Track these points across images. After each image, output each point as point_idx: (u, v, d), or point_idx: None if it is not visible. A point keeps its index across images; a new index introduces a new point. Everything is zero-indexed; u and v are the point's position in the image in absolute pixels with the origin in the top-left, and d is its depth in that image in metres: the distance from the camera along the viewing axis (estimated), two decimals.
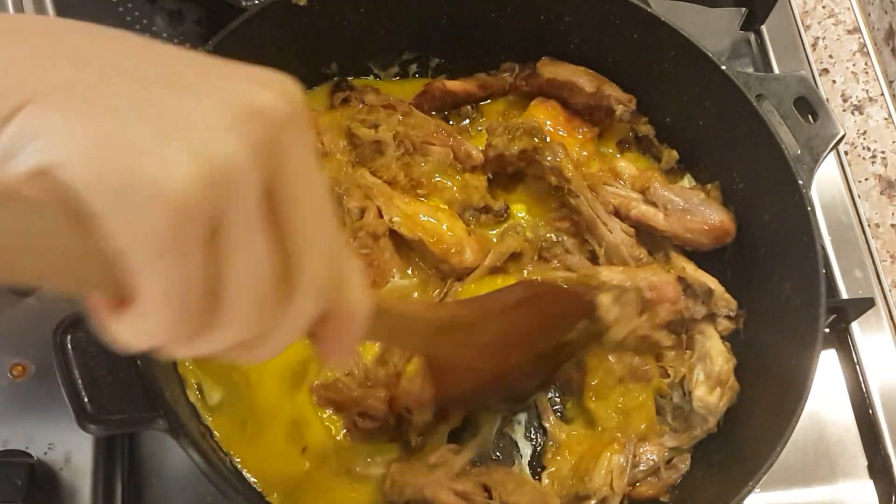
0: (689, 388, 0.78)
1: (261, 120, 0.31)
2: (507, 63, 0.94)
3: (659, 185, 0.84)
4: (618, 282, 0.78)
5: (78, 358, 0.64)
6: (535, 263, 0.85)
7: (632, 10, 0.84)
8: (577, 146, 0.89)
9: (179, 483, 0.79)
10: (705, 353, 0.78)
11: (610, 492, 0.75)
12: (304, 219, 0.34)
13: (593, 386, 0.79)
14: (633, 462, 0.76)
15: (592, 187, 0.84)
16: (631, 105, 0.89)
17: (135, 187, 0.28)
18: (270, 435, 0.75)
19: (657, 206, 0.83)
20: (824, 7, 1.15)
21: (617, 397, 0.79)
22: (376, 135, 0.84)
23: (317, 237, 0.35)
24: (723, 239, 0.83)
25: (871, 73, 1.10)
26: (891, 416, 0.88)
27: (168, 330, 0.32)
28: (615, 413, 0.79)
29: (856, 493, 0.85)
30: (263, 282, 0.33)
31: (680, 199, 0.83)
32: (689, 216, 0.83)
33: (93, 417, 0.63)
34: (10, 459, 0.72)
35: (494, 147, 0.85)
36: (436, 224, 0.82)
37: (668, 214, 0.83)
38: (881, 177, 1.04)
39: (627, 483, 0.76)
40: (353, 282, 0.40)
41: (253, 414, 0.75)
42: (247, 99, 0.31)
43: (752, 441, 0.73)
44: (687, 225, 0.83)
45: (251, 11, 0.79)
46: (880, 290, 0.95)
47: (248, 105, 0.31)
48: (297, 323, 0.36)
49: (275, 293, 0.34)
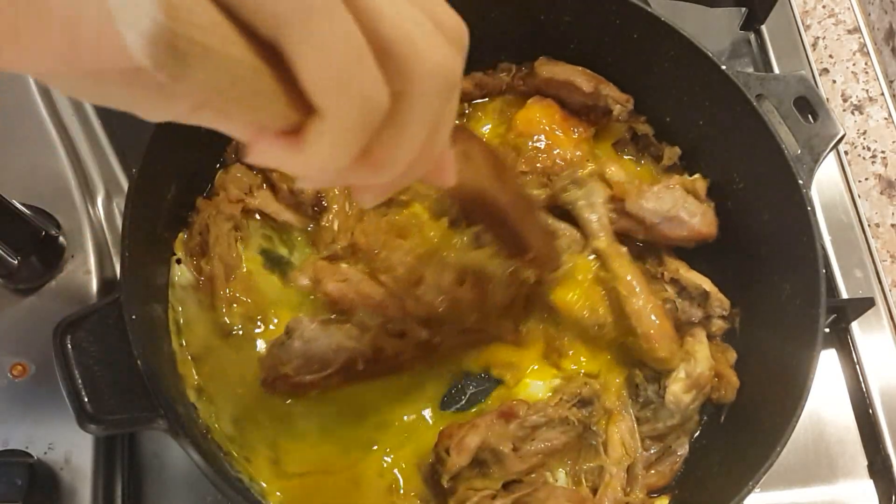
0: (666, 382, 0.78)
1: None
2: (504, 63, 0.94)
3: (635, 196, 0.82)
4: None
5: (78, 358, 0.65)
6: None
7: (632, 10, 0.84)
8: (572, 146, 0.89)
9: (179, 483, 0.79)
10: (692, 354, 0.79)
11: (629, 459, 0.76)
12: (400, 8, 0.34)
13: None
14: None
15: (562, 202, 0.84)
16: (628, 105, 0.89)
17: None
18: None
19: (634, 220, 0.82)
20: (824, 7, 1.15)
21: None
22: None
23: (421, 25, 0.35)
24: (703, 241, 0.83)
25: (871, 73, 1.10)
26: (891, 416, 0.88)
27: (347, 146, 0.33)
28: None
29: (856, 493, 0.86)
30: (368, 72, 0.33)
31: (658, 207, 0.82)
32: (666, 228, 0.82)
33: (93, 417, 0.63)
34: (10, 459, 0.72)
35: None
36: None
37: (647, 227, 0.82)
38: (881, 177, 1.04)
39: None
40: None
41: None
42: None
43: (752, 441, 0.73)
44: (667, 235, 0.83)
45: None
46: (880, 290, 0.95)
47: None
48: (418, 127, 0.36)
49: (381, 86, 0.33)
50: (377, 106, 0.33)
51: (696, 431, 0.81)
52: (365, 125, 0.33)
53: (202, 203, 0.82)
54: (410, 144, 0.36)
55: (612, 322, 0.80)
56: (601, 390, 0.79)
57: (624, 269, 0.80)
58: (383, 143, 0.35)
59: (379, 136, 0.35)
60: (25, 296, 0.81)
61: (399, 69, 0.33)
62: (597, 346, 0.82)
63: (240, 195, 0.82)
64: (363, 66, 0.32)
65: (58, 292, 0.81)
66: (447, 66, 0.35)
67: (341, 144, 0.33)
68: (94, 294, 0.82)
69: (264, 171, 0.84)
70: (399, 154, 0.36)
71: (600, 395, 0.78)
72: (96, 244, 0.84)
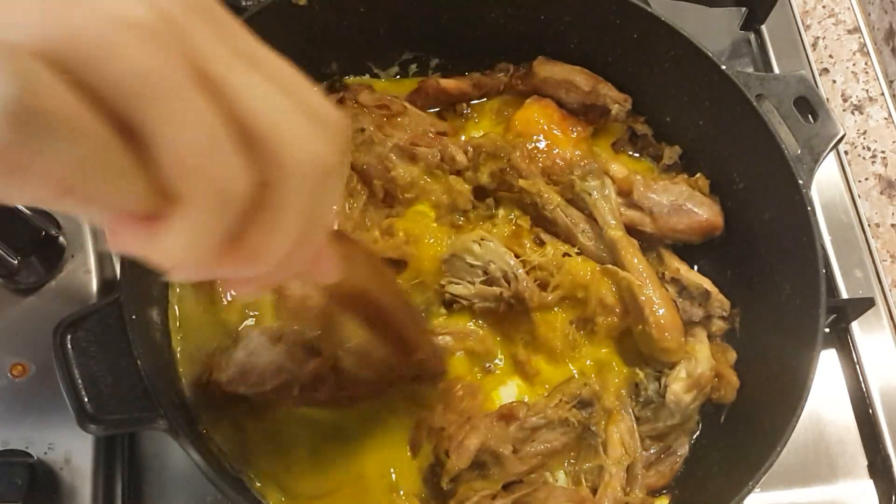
0: (666, 382, 0.78)
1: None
2: (502, 62, 0.94)
3: (643, 187, 0.83)
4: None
5: (78, 358, 0.65)
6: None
7: (632, 10, 0.84)
8: (570, 145, 0.89)
9: (179, 483, 0.79)
10: (693, 354, 0.79)
11: (628, 458, 0.76)
12: (265, 91, 0.33)
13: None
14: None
15: (572, 196, 0.84)
16: (626, 104, 0.89)
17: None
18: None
19: (643, 210, 0.83)
20: (824, 7, 1.15)
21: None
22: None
23: (287, 109, 0.34)
24: (711, 234, 0.84)
25: (871, 73, 1.10)
26: (891, 416, 0.88)
27: (206, 234, 0.32)
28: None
29: (856, 493, 0.85)
30: (225, 159, 0.32)
31: (665, 199, 0.83)
32: (675, 218, 0.83)
33: (93, 417, 0.63)
34: (10, 459, 0.72)
35: (469, 180, 0.85)
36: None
37: (655, 218, 0.83)
38: (881, 176, 1.04)
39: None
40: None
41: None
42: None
43: (752, 441, 0.73)
44: (675, 226, 0.83)
45: (251, 11, 0.79)
46: (880, 290, 0.95)
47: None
48: (292, 215, 0.35)
49: (243, 173, 0.33)
50: (237, 194, 0.32)
51: (696, 431, 0.81)
52: (224, 213, 0.32)
53: None
54: (284, 235, 0.35)
55: (620, 312, 0.80)
56: (601, 391, 0.79)
57: (636, 259, 0.80)
58: (254, 234, 0.34)
59: (250, 227, 0.34)
60: (25, 296, 0.81)
61: (267, 158, 0.33)
62: (596, 340, 0.82)
63: None
64: (220, 152, 0.31)
65: (58, 292, 0.81)
66: (319, 155, 0.35)
67: (200, 232, 0.32)
68: (94, 294, 0.82)
69: None
70: (272, 245, 0.35)
71: (600, 395, 0.78)
72: (96, 244, 0.84)
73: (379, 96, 0.89)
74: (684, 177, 0.86)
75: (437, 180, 0.85)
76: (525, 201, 0.85)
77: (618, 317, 0.80)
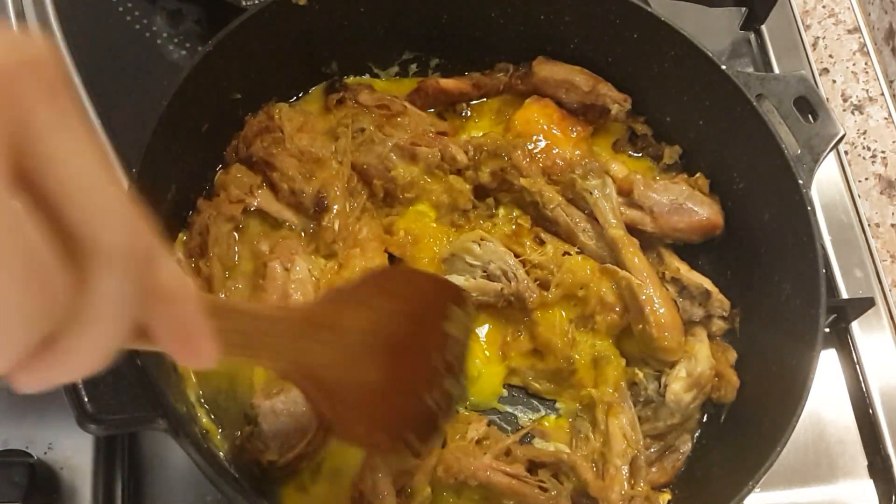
0: (666, 381, 0.78)
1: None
2: (502, 62, 0.94)
3: (643, 186, 0.83)
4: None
5: None
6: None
7: (632, 10, 0.84)
8: (570, 145, 0.89)
9: (179, 483, 0.79)
10: (693, 353, 0.79)
11: (632, 451, 0.76)
12: (79, 185, 0.30)
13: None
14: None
15: (573, 195, 0.84)
16: (626, 104, 0.89)
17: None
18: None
19: (643, 209, 0.83)
20: (824, 7, 1.15)
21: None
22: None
23: (99, 201, 0.31)
24: (711, 233, 0.84)
25: (871, 73, 1.10)
26: (891, 416, 0.88)
27: (20, 343, 0.29)
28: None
29: (856, 493, 0.85)
30: (41, 269, 0.29)
31: (665, 198, 0.83)
32: (675, 217, 0.83)
33: (93, 417, 0.63)
34: (10, 459, 0.72)
35: (469, 179, 0.86)
36: None
37: (655, 217, 0.83)
38: (881, 176, 1.04)
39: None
40: (165, 259, 0.36)
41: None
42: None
43: (752, 441, 0.73)
44: (675, 225, 0.83)
45: (251, 11, 0.79)
46: (880, 290, 0.95)
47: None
48: (109, 308, 0.32)
49: (62, 279, 0.30)
50: (54, 307, 0.30)
51: (697, 430, 0.81)
52: (39, 326, 0.30)
53: (202, 203, 0.82)
54: (102, 328, 0.32)
55: (620, 310, 0.80)
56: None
57: (637, 258, 0.80)
58: (70, 334, 0.31)
59: (65, 327, 0.31)
60: None
61: (83, 250, 0.30)
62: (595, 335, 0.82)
63: (240, 195, 0.82)
64: (42, 269, 0.29)
65: None
66: (129, 241, 0.32)
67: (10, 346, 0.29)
68: None
69: (264, 170, 0.84)
70: (83, 348, 0.32)
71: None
72: None
73: (379, 96, 0.89)
74: (684, 176, 0.87)
75: (438, 180, 0.86)
76: (525, 200, 0.85)
77: (618, 315, 0.80)
